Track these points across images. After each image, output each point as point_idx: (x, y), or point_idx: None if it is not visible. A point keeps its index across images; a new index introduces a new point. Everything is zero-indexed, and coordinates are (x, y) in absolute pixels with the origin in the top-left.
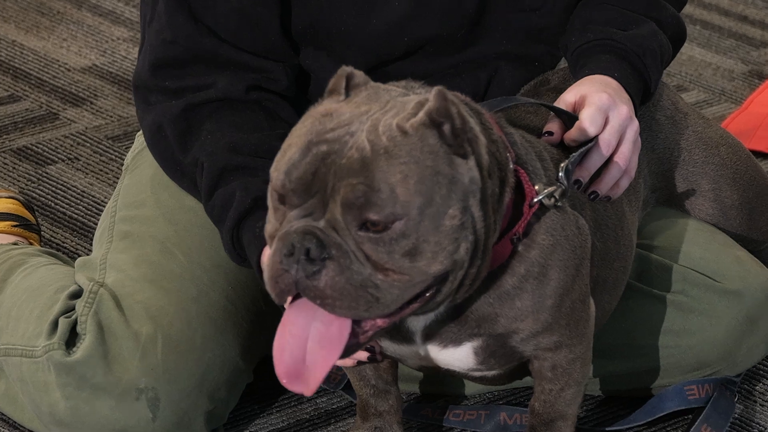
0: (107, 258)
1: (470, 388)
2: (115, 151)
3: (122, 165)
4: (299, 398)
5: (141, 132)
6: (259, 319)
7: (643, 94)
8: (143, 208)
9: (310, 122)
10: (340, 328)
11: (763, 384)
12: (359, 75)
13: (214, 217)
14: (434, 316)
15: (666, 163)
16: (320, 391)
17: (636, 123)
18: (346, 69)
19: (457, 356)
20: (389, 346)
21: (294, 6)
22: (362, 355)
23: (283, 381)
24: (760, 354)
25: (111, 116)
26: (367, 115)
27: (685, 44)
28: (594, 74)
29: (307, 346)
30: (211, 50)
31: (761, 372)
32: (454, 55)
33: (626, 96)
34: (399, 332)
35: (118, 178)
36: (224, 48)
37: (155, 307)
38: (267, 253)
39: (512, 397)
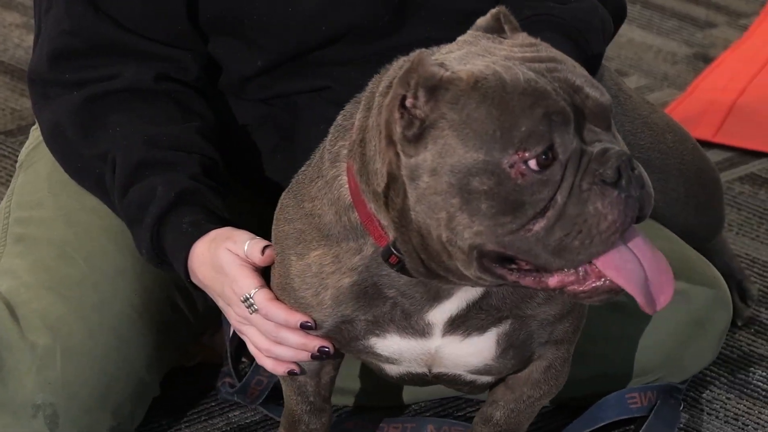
0: (0, 263)
1: (407, 397)
2: (7, 147)
3: (16, 162)
4: (210, 412)
5: (35, 126)
6: (165, 328)
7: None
8: (40, 209)
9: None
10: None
11: (711, 391)
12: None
13: (129, 216)
14: (465, 305)
15: None
16: (233, 405)
17: None
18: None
19: (476, 348)
20: (392, 344)
21: None
22: (304, 355)
23: (652, 305)
24: (707, 359)
25: (3, 109)
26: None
27: (624, 25)
28: None
29: (647, 268)
30: (115, 40)
31: (708, 378)
32: (379, 41)
33: None
34: (412, 327)
35: (11, 177)
36: (128, 37)
37: (53, 317)
38: (199, 251)
39: (440, 408)
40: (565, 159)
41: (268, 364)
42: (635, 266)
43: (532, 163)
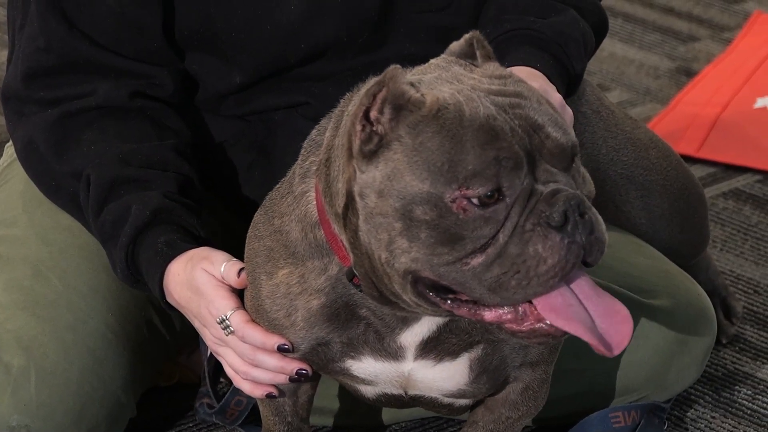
0: None
1: (386, 417)
2: None
3: None
4: None
5: (9, 144)
6: (141, 348)
7: (567, 86)
8: (14, 228)
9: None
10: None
11: (695, 410)
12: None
13: (103, 234)
14: (435, 327)
15: (593, 161)
16: (210, 425)
17: (570, 111)
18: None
19: (449, 373)
20: (367, 367)
21: (178, 8)
22: (282, 378)
23: (609, 348)
24: (691, 377)
25: None
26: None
27: (606, 39)
28: (514, 66)
29: (593, 311)
30: (89, 57)
31: (692, 397)
32: (358, 57)
33: (552, 87)
34: (385, 349)
35: None
36: (103, 54)
37: (28, 337)
38: (174, 271)
39: (420, 428)
40: (512, 200)
41: (246, 387)
42: (577, 310)
43: (475, 201)
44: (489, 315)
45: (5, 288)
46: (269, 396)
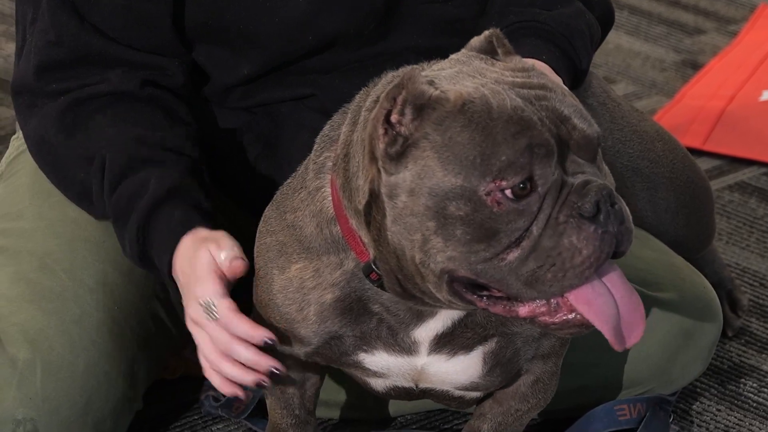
0: None
1: (393, 410)
2: None
3: None
4: (193, 426)
5: (15, 136)
6: (147, 342)
7: (573, 78)
8: (20, 220)
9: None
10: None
11: (701, 403)
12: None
13: (117, 210)
14: (450, 323)
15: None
16: (216, 418)
17: None
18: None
19: (463, 366)
20: (380, 360)
21: (187, 1)
22: (250, 377)
23: (622, 343)
24: (697, 370)
25: None
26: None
27: (612, 32)
28: None
29: (620, 304)
30: (100, 50)
31: (698, 390)
32: (364, 49)
33: (559, 78)
34: (399, 344)
35: None
36: (114, 47)
37: (34, 330)
38: (184, 246)
39: (426, 421)
40: (543, 191)
41: (215, 380)
42: (607, 301)
43: (509, 193)
44: (523, 310)
45: (12, 281)
46: (236, 401)
